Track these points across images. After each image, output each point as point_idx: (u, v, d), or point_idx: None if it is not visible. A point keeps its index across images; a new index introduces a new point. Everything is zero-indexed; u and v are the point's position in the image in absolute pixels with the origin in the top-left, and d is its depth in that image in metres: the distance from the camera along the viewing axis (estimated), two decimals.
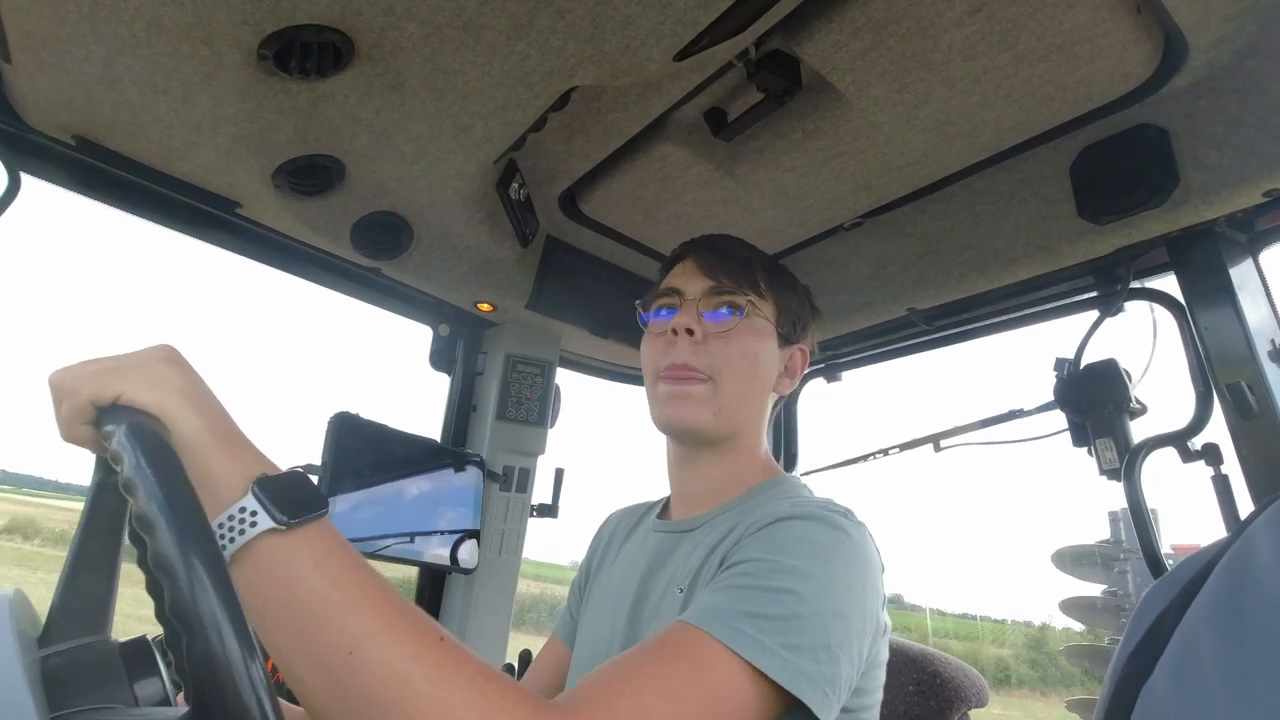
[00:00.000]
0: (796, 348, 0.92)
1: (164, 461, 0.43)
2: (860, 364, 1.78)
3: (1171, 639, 0.35)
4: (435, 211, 1.31)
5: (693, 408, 0.82)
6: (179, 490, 0.42)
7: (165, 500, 0.40)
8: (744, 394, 0.84)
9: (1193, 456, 1.09)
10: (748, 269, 0.88)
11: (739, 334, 0.84)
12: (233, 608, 0.38)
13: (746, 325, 0.85)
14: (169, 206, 1.26)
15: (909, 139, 1.12)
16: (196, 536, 0.40)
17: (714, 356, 0.82)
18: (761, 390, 0.87)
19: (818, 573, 0.61)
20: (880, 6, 0.88)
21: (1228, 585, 0.34)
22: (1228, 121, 0.97)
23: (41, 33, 0.85)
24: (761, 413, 0.89)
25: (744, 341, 0.84)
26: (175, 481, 0.42)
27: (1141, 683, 0.34)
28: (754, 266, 0.88)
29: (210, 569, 0.39)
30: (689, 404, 0.82)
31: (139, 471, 0.42)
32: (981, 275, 1.29)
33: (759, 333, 0.86)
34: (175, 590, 0.38)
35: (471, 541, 1.58)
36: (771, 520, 0.68)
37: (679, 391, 0.82)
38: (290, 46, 0.86)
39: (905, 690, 1.05)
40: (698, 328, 0.83)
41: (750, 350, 0.84)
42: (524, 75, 0.95)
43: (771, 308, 0.88)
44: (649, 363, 0.87)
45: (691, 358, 0.82)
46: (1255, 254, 1.10)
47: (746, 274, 0.87)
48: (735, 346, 0.83)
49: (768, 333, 0.87)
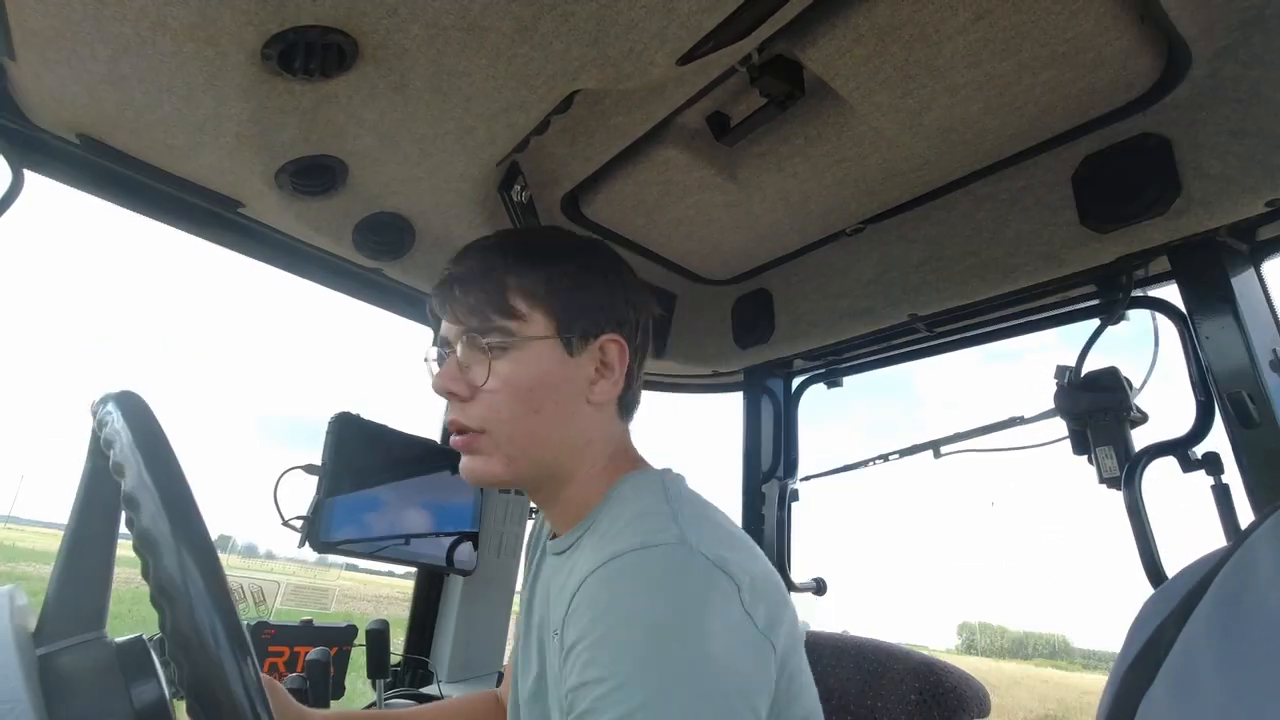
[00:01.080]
0: (602, 341, 0.77)
1: (154, 443, 0.43)
2: (861, 369, 1.78)
3: (1172, 650, 0.35)
4: (437, 213, 1.31)
5: (481, 464, 0.76)
6: (167, 469, 0.42)
7: (153, 479, 0.40)
8: (531, 434, 0.75)
9: (1193, 465, 1.08)
10: (495, 293, 0.74)
11: (501, 375, 0.73)
12: (218, 583, 0.38)
13: (509, 362, 0.73)
14: (172, 205, 1.27)
15: (911, 145, 1.12)
16: (183, 513, 0.40)
17: (482, 409, 0.74)
18: (559, 418, 0.76)
19: (654, 671, 0.53)
20: (884, 13, 0.88)
21: (1228, 596, 0.34)
22: (1230, 131, 0.97)
23: (46, 31, 0.86)
24: (575, 436, 0.77)
25: (511, 382, 0.73)
26: (163, 461, 0.42)
27: (1141, 694, 0.34)
28: (504, 285, 0.75)
29: (196, 546, 0.39)
30: (476, 460, 0.76)
31: (129, 453, 0.42)
32: (983, 282, 1.29)
33: (527, 362, 0.74)
34: (159, 567, 0.38)
35: (470, 543, 1.57)
36: (583, 602, 0.60)
37: (462, 446, 0.76)
38: (294, 47, 0.86)
39: (908, 700, 1.05)
40: (460, 386, 0.75)
41: (520, 387, 0.73)
42: (527, 78, 0.95)
43: (541, 319, 0.75)
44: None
45: (459, 415, 0.75)
46: (1257, 264, 1.10)
47: (494, 300, 0.74)
48: (502, 393, 0.73)
49: (541, 352, 0.75)
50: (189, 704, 0.37)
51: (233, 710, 0.36)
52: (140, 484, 0.41)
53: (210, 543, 0.41)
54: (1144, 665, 0.36)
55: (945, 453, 1.51)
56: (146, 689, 0.47)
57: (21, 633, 0.47)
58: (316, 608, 27.15)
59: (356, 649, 1.36)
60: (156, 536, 0.39)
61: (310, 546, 1.32)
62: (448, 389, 0.75)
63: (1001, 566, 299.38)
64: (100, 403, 0.48)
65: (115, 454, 0.43)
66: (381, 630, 1.31)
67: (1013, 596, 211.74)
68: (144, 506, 0.40)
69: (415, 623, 1.64)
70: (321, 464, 1.35)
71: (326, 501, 1.33)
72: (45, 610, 0.51)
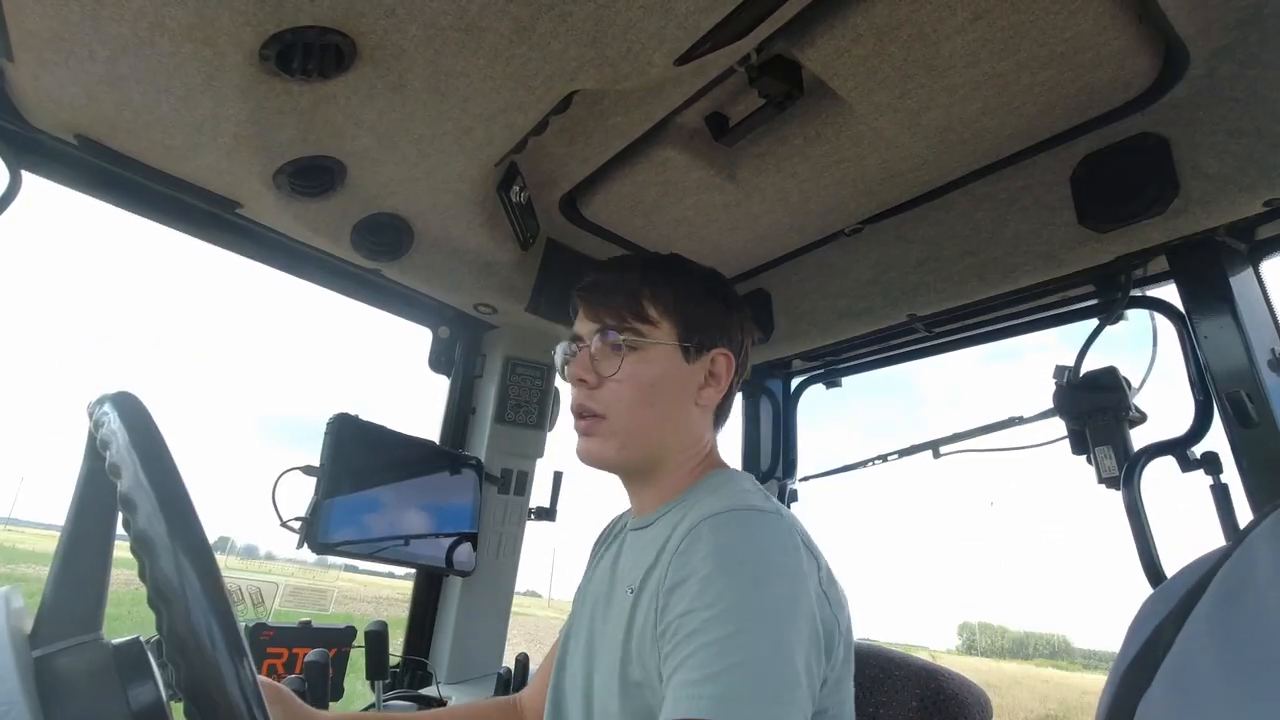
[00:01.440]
0: (714, 353, 0.90)
1: (150, 443, 0.43)
2: (860, 369, 1.78)
3: (1170, 650, 0.34)
4: (436, 213, 1.31)
5: (596, 445, 0.87)
6: (164, 470, 0.42)
7: (149, 480, 0.40)
8: (645, 424, 0.86)
9: (1192, 465, 1.08)
10: (630, 297, 0.88)
11: (628, 370, 0.85)
12: (215, 585, 0.38)
13: (637, 358, 0.86)
14: (170, 206, 1.27)
15: (910, 145, 1.12)
16: (181, 514, 0.40)
17: (607, 396, 0.86)
18: (670, 413, 0.88)
19: (752, 606, 0.64)
20: (882, 12, 0.88)
21: (1228, 596, 0.34)
22: (1228, 131, 0.97)
23: (44, 32, 0.86)
24: (681, 432, 0.89)
25: (635, 376, 0.85)
26: (160, 462, 0.42)
27: (1140, 694, 0.34)
28: (638, 291, 0.88)
29: (193, 548, 0.39)
30: (592, 442, 0.87)
31: (125, 454, 0.42)
32: (982, 282, 1.29)
33: (651, 362, 0.86)
34: (156, 568, 0.38)
35: (469, 544, 1.57)
36: (696, 542, 0.70)
37: (583, 429, 0.88)
38: (292, 48, 0.86)
39: (909, 706, 1.05)
40: (590, 375, 0.86)
41: (643, 382, 0.85)
42: (525, 78, 0.95)
43: (669, 328, 0.88)
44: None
45: (586, 400, 0.87)
46: (1255, 263, 1.10)
47: (630, 304, 0.87)
48: (626, 384, 0.85)
49: (665, 356, 0.87)
50: (186, 706, 0.37)
51: (230, 712, 0.36)
52: (137, 485, 0.41)
53: (207, 545, 0.41)
54: (1143, 665, 0.36)
55: (945, 453, 1.51)
56: (143, 691, 0.47)
57: (17, 634, 0.47)
58: (315, 609, 27.13)
59: (355, 650, 1.35)
60: (153, 538, 0.39)
61: (309, 548, 1.32)
62: (579, 376, 0.86)
63: (1001, 566, 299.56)
64: (97, 403, 0.48)
65: (112, 455, 0.43)
66: (380, 631, 1.31)
67: (1013, 596, 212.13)
68: (141, 508, 0.40)
69: (414, 624, 1.63)
70: (320, 465, 1.35)
71: (325, 503, 1.33)
72: (41, 612, 0.51)
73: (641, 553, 0.82)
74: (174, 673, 0.37)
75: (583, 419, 0.87)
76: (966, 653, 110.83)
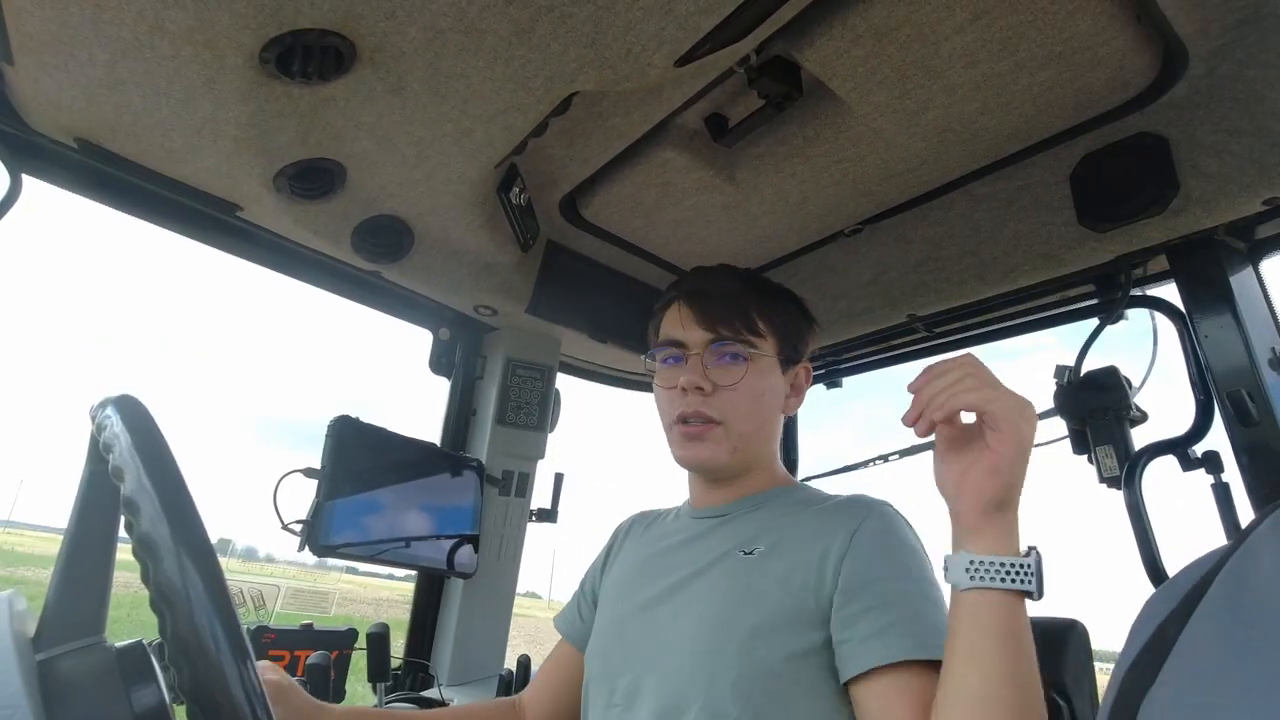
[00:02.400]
0: (800, 367, 0.98)
1: (153, 446, 0.43)
2: (861, 370, 1.78)
3: (1174, 649, 0.34)
4: (436, 215, 1.31)
5: (709, 449, 0.89)
6: (166, 473, 0.42)
7: (152, 483, 0.40)
8: (755, 431, 0.91)
9: (1193, 464, 1.08)
10: (742, 310, 0.91)
11: (745, 380, 0.89)
12: (218, 587, 0.38)
13: (752, 369, 0.89)
14: (170, 209, 1.27)
15: (909, 145, 1.12)
16: (183, 517, 0.40)
17: (724, 404, 0.89)
18: (771, 419, 0.94)
19: (922, 568, 0.78)
20: (881, 13, 0.88)
21: (1230, 594, 0.34)
22: (1227, 130, 0.97)
23: (44, 35, 0.86)
24: (774, 437, 0.96)
25: (750, 385, 0.89)
26: (163, 465, 0.42)
27: (1144, 693, 0.34)
28: (748, 304, 0.92)
29: (196, 550, 0.39)
30: (705, 446, 0.89)
31: (128, 457, 0.42)
32: (982, 282, 1.29)
33: (763, 372, 0.91)
34: (159, 571, 0.38)
35: (470, 546, 1.57)
36: (876, 531, 0.80)
37: (694, 434, 0.89)
38: (292, 50, 0.86)
39: None
40: (705, 383, 0.88)
41: (756, 392, 0.90)
42: (525, 80, 0.95)
43: (772, 341, 0.93)
44: (664, 410, 0.94)
45: (703, 406, 0.89)
46: (1255, 262, 1.10)
47: (743, 316, 0.91)
48: (743, 393, 0.89)
49: (771, 367, 0.92)
50: (189, 709, 0.37)
51: (233, 714, 0.36)
52: (140, 488, 0.41)
53: (210, 547, 0.41)
54: (1146, 664, 0.36)
55: None
56: (146, 693, 0.47)
57: (21, 638, 0.47)
58: (317, 611, 27.11)
59: (357, 652, 1.35)
60: (156, 541, 0.39)
61: (310, 550, 1.32)
62: (695, 383, 0.89)
63: None
64: (99, 407, 0.48)
65: (114, 458, 0.43)
66: (382, 634, 1.31)
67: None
68: (144, 511, 0.40)
69: (415, 626, 1.63)
70: (321, 467, 1.35)
71: (326, 505, 1.33)
72: (45, 615, 0.51)
73: (736, 530, 0.88)
74: (177, 675, 0.37)
75: (693, 425, 0.89)
76: None
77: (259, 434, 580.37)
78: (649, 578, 0.92)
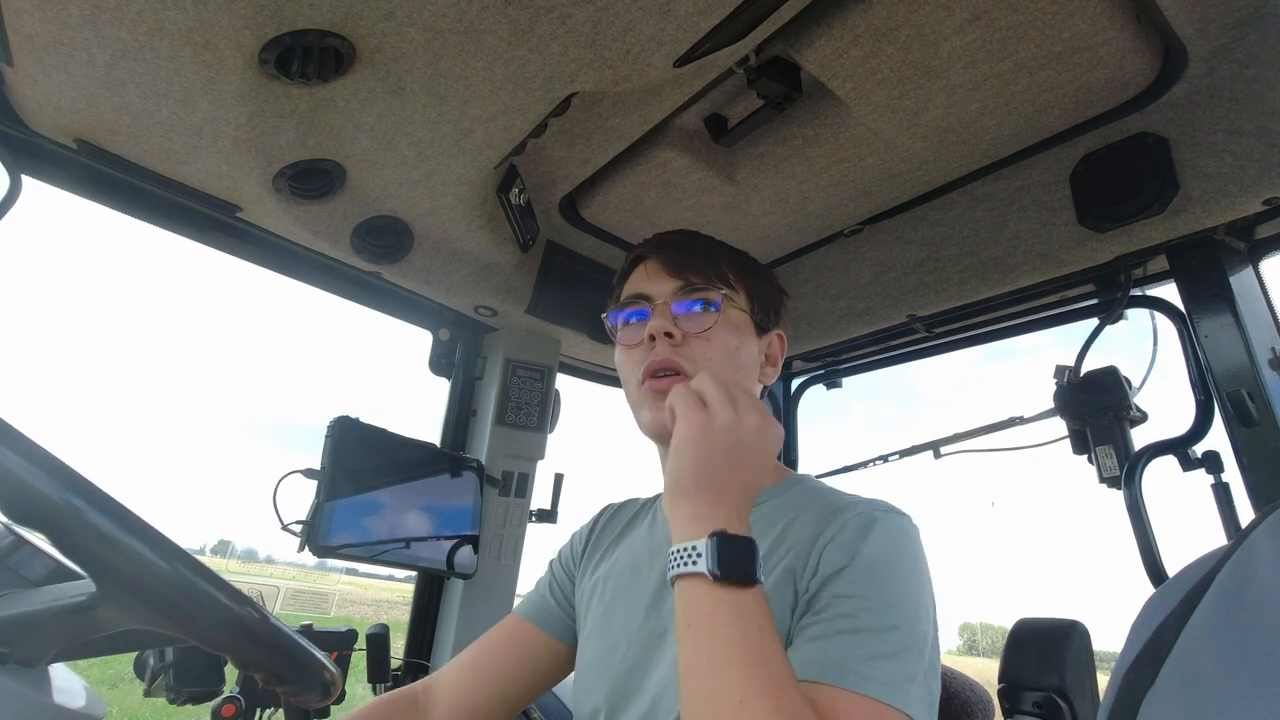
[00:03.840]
0: (774, 334, 0.91)
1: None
2: (861, 370, 1.78)
3: (1174, 649, 0.34)
4: (436, 216, 1.31)
5: None
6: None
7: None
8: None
9: (1193, 464, 1.08)
10: (714, 261, 0.85)
11: (718, 330, 0.82)
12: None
13: (724, 320, 0.82)
14: (169, 210, 1.27)
15: (909, 146, 1.12)
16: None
17: (696, 353, 0.80)
18: (748, 384, 0.86)
19: (910, 604, 0.66)
20: (881, 14, 0.88)
21: (1230, 594, 0.34)
22: (1227, 130, 0.97)
23: (44, 36, 0.86)
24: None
25: (723, 337, 0.82)
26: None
27: (1143, 694, 0.34)
28: (720, 258, 0.87)
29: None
30: None
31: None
32: (982, 282, 1.29)
33: (736, 326, 0.84)
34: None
35: (470, 547, 1.57)
36: (861, 537, 0.71)
37: (666, 388, 0.77)
38: (291, 51, 0.86)
39: None
40: (675, 329, 0.80)
41: (730, 346, 0.82)
42: (525, 80, 0.95)
43: (744, 298, 0.86)
44: (629, 371, 0.84)
45: (672, 354, 0.80)
46: (1255, 262, 1.10)
47: (714, 267, 0.85)
48: (715, 344, 0.81)
49: (745, 324, 0.85)
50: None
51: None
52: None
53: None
54: (1146, 664, 0.35)
55: (945, 453, 1.51)
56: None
57: None
58: (316, 612, 27.10)
59: (357, 654, 1.35)
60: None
61: (310, 551, 1.32)
62: (664, 328, 0.81)
63: (1002, 567, 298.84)
64: None
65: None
66: (382, 634, 1.31)
67: (1014, 597, 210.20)
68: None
69: (415, 627, 1.63)
70: (321, 468, 1.35)
71: (326, 505, 1.33)
72: None
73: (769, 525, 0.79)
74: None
75: (663, 378, 0.79)
76: (968, 653, 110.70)
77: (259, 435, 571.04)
78: (627, 604, 0.85)
